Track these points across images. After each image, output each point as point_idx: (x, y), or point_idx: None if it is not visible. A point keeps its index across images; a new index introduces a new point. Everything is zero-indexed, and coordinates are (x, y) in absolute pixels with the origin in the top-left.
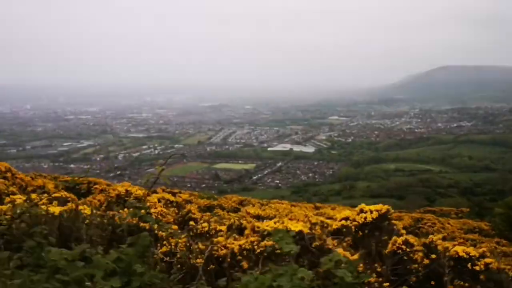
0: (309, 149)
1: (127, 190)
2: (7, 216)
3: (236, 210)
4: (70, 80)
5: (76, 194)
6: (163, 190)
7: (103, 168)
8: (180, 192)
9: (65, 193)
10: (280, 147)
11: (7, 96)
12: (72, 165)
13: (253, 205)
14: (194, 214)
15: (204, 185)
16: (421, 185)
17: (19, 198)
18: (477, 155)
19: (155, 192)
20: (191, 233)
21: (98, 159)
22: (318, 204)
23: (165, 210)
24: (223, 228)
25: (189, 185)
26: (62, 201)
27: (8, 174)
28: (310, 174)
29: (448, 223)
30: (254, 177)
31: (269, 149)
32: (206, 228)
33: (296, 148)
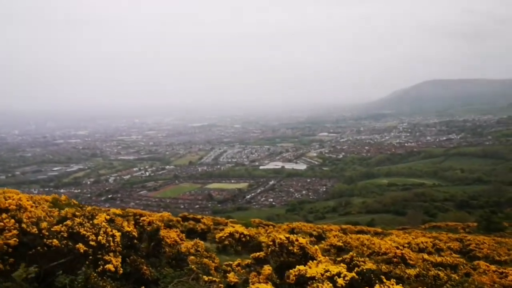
0: (301, 166)
1: (288, 238)
2: None
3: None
4: (56, 104)
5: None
6: (187, 217)
7: (94, 192)
8: (202, 218)
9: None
10: (271, 165)
11: None
12: (62, 190)
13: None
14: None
15: (197, 206)
16: (417, 200)
17: None
18: (468, 168)
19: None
20: None
21: (88, 182)
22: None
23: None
24: None
25: (182, 207)
26: None
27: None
28: (304, 192)
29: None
30: (248, 196)
31: (260, 167)
32: None
33: (288, 165)
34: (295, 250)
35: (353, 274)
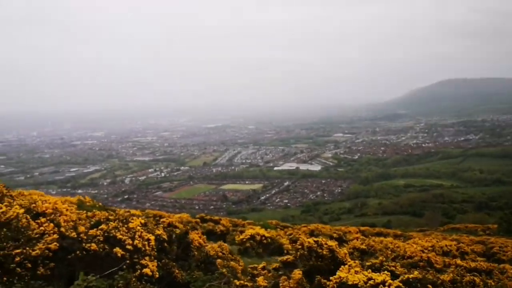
0: (316, 167)
1: (317, 241)
2: None
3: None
4: (73, 105)
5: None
6: (204, 218)
7: (111, 192)
8: (220, 219)
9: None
10: (286, 166)
11: (14, 124)
12: (79, 191)
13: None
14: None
15: (212, 207)
16: (435, 201)
17: None
18: (487, 169)
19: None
20: None
21: (105, 183)
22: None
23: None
24: None
25: (197, 207)
26: None
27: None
28: (319, 193)
29: None
30: (262, 197)
31: (275, 168)
32: None
33: (303, 166)
34: (325, 254)
35: (398, 283)
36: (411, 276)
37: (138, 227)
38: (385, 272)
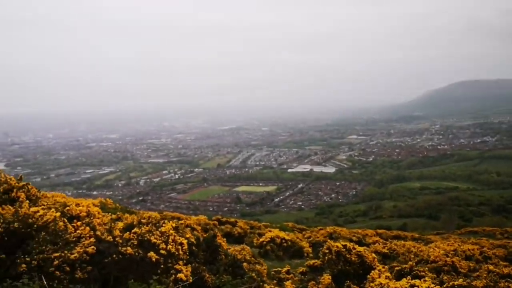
0: (330, 169)
1: (345, 246)
2: None
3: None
4: (89, 107)
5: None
6: (220, 220)
7: (125, 194)
8: (236, 221)
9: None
10: (300, 168)
11: (30, 126)
12: (94, 192)
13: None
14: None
15: (226, 209)
16: (451, 204)
17: None
18: (505, 171)
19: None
20: None
21: (120, 185)
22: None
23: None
24: None
25: (211, 209)
26: None
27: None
28: (333, 195)
29: None
30: (276, 199)
31: (289, 170)
32: None
33: (317, 168)
34: (353, 259)
35: None
36: (456, 283)
37: (171, 231)
38: (426, 279)
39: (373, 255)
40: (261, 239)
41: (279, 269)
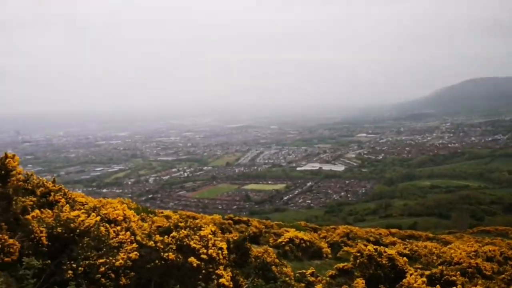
0: (339, 167)
1: (376, 249)
2: None
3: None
4: (99, 105)
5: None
6: (233, 219)
7: (135, 192)
8: (248, 220)
9: None
10: (309, 167)
11: (41, 124)
12: (104, 190)
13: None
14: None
15: (235, 207)
16: (462, 202)
17: None
18: None
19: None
20: None
21: (129, 183)
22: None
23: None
24: None
25: (220, 207)
26: None
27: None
28: (342, 193)
29: None
30: (285, 198)
31: (298, 168)
32: None
33: (326, 167)
34: (384, 262)
35: None
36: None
37: (210, 235)
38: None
39: (405, 258)
40: (279, 240)
41: (304, 271)
